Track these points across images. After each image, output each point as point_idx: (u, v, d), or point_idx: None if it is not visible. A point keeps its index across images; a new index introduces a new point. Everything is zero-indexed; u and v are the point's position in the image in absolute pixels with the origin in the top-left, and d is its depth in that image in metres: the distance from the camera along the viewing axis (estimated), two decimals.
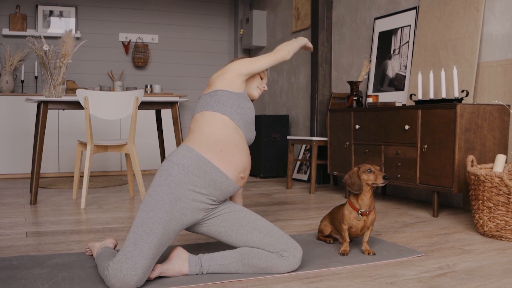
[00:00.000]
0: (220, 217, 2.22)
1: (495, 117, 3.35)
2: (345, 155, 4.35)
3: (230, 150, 2.21)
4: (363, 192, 2.43)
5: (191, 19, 7.18)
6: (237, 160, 2.22)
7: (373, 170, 2.41)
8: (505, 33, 3.48)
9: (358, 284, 2.01)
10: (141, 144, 6.22)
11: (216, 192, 2.18)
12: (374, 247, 2.58)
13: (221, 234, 2.21)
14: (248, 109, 2.35)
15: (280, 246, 2.14)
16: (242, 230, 2.19)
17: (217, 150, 2.18)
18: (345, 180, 2.46)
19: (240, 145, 2.26)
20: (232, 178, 2.20)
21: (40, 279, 2.01)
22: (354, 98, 4.41)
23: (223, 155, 2.18)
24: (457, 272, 2.18)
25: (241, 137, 2.30)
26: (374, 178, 2.39)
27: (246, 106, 2.34)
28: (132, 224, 2.08)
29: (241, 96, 2.33)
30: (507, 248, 2.61)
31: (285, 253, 2.13)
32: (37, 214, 3.53)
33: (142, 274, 1.90)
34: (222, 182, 2.17)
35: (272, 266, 2.11)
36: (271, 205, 4.00)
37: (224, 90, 2.30)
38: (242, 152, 2.26)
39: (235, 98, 2.30)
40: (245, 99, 2.35)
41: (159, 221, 2.02)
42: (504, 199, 2.73)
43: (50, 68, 4.28)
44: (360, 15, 4.97)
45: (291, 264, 2.13)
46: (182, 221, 2.10)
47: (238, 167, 2.22)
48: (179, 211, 2.08)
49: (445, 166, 3.33)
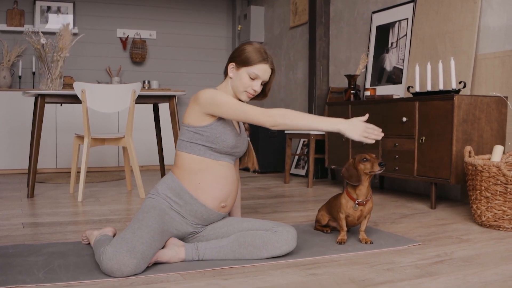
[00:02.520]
0: (209, 226, 2.29)
1: (493, 109, 3.34)
2: (343, 149, 4.34)
3: (208, 182, 2.20)
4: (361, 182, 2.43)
5: (189, 15, 7.17)
6: (217, 192, 2.21)
7: (368, 158, 2.40)
8: (503, 25, 3.48)
9: (356, 271, 2.00)
10: (139, 140, 6.21)
11: (199, 221, 2.25)
12: (372, 236, 2.58)
13: (212, 238, 2.25)
14: (223, 141, 2.20)
15: (272, 224, 2.20)
16: (232, 224, 2.26)
17: (196, 183, 2.20)
18: (343, 174, 2.45)
19: (220, 175, 2.22)
20: (213, 208, 2.23)
21: (36, 266, 2.01)
22: (351, 91, 4.40)
23: (201, 187, 2.20)
24: (455, 259, 2.18)
25: (222, 166, 2.24)
26: (371, 166, 2.38)
27: (221, 140, 2.20)
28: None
29: (212, 128, 2.20)
30: (505, 237, 2.61)
31: (278, 228, 2.16)
32: (34, 207, 3.52)
33: (141, 259, 1.90)
34: (203, 212, 2.22)
35: (267, 242, 2.12)
36: (269, 198, 4.00)
37: (190, 128, 2.22)
38: (222, 182, 2.23)
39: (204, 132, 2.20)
40: (217, 129, 2.20)
41: (154, 219, 2.08)
42: (502, 188, 2.73)
43: (47, 61, 4.27)
44: (357, 9, 4.97)
45: (286, 239, 2.14)
46: (173, 224, 2.18)
47: (218, 198, 2.22)
48: (169, 219, 2.17)
49: (443, 157, 3.32)
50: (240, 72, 2.26)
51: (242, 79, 2.25)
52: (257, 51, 2.26)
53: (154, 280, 1.87)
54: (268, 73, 2.29)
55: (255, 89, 2.26)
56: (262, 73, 2.26)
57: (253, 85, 2.26)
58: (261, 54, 2.26)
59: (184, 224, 2.21)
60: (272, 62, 2.29)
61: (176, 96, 4.42)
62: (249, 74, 2.25)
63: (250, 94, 2.28)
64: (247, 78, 2.25)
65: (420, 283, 1.85)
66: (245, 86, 2.26)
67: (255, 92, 2.28)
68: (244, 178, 5.40)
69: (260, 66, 2.25)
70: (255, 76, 2.25)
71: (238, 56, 2.28)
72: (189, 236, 2.26)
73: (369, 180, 2.43)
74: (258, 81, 2.26)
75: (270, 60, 2.29)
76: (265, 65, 2.26)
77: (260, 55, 2.26)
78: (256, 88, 2.27)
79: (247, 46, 2.30)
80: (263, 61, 2.26)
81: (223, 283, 1.83)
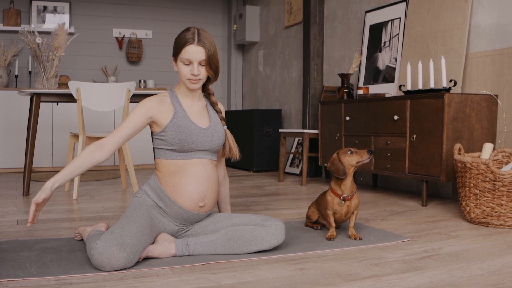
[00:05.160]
0: (197, 224, 2.32)
1: (483, 107, 3.38)
2: (336, 147, 4.37)
3: (182, 183, 2.23)
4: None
5: (184, 15, 7.20)
6: (191, 192, 2.22)
7: (353, 150, 2.45)
8: (493, 24, 3.51)
9: (343, 265, 2.03)
10: (134, 139, 6.23)
11: (181, 221, 2.28)
12: (361, 232, 2.61)
13: (201, 235, 2.28)
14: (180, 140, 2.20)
15: (261, 219, 2.23)
16: (220, 221, 2.30)
17: (171, 185, 2.24)
18: (329, 168, 2.51)
19: (193, 175, 2.23)
20: (190, 209, 2.25)
21: (29, 260, 2.04)
22: (345, 90, 4.44)
23: (176, 189, 2.23)
24: (442, 255, 2.21)
25: (194, 164, 2.25)
26: (359, 156, 2.43)
27: (178, 139, 2.20)
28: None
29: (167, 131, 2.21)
30: (493, 234, 2.64)
31: (266, 222, 2.19)
32: (29, 204, 3.55)
33: (130, 253, 1.92)
34: (182, 214, 2.26)
35: (256, 236, 2.15)
36: (262, 196, 4.03)
37: (154, 135, 2.28)
38: (196, 182, 2.23)
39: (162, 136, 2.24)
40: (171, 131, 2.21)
41: (142, 215, 2.13)
42: (490, 185, 2.76)
43: (43, 61, 4.30)
44: (351, 9, 5.00)
45: (275, 233, 2.17)
46: (160, 222, 2.23)
47: (194, 198, 2.24)
48: (156, 216, 2.23)
49: (434, 155, 3.36)
50: (178, 64, 2.22)
51: (180, 70, 2.20)
52: (183, 36, 2.18)
53: (144, 274, 1.90)
54: (200, 52, 2.16)
55: (193, 73, 2.18)
56: (192, 54, 2.16)
57: (190, 70, 2.18)
58: (185, 37, 2.17)
59: (169, 223, 2.26)
60: (200, 40, 2.16)
61: None
62: (182, 61, 2.18)
63: (193, 80, 2.20)
64: (182, 66, 2.19)
65: (405, 277, 1.88)
66: (184, 75, 2.20)
67: (195, 76, 2.19)
68: (238, 177, 5.43)
69: (186, 49, 2.16)
70: (188, 61, 2.17)
71: (173, 50, 2.24)
72: (177, 234, 2.30)
73: (351, 175, 2.48)
74: (193, 65, 2.17)
75: (197, 38, 2.16)
76: (192, 46, 2.15)
77: (184, 38, 2.17)
78: (195, 72, 2.17)
79: (179, 34, 2.22)
80: (187, 43, 2.16)
81: (212, 277, 1.86)
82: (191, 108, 2.30)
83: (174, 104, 2.25)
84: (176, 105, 2.25)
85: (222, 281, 1.83)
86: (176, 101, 2.27)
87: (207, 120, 2.33)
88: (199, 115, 2.32)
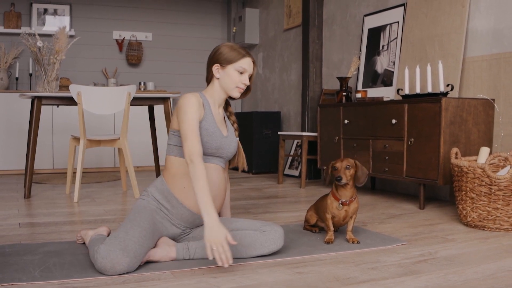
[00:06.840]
0: (199, 228, 2.35)
1: (480, 111, 3.42)
2: (334, 150, 4.42)
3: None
4: None
5: (184, 17, 7.24)
6: None
7: (337, 167, 2.48)
8: (490, 29, 3.55)
9: (341, 269, 2.07)
10: (134, 141, 6.27)
11: (186, 224, 2.32)
12: (359, 236, 2.65)
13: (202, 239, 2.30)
14: (206, 143, 2.26)
15: (260, 224, 2.27)
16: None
17: (181, 187, 2.27)
18: (325, 175, 2.57)
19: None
20: (198, 212, 2.28)
21: (32, 264, 2.07)
22: (343, 93, 4.48)
23: (186, 191, 2.27)
24: (438, 259, 2.25)
25: (209, 168, 2.30)
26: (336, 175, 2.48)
27: (203, 142, 2.26)
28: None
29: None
30: (489, 237, 2.68)
31: (266, 227, 2.23)
32: (31, 207, 3.59)
33: (133, 258, 1.96)
34: (188, 216, 2.29)
35: (255, 241, 2.19)
36: (261, 198, 4.07)
37: (175, 133, 2.31)
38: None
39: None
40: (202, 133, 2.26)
41: (146, 219, 2.15)
42: (486, 189, 2.80)
43: (44, 64, 4.34)
44: (350, 12, 5.04)
45: (274, 238, 2.22)
46: (163, 226, 2.26)
47: None
48: (159, 219, 2.25)
49: (431, 159, 3.40)
50: (227, 70, 2.34)
51: (231, 76, 2.34)
52: (235, 48, 2.36)
53: (145, 278, 1.94)
54: (252, 66, 2.39)
55: (245, 82, 2.35)
56: (248, 66, 2.36)
57: (242, 79, 2.35)
58: (241, 50, 2.36)
59: (172, 226, 2.29)
60: (252, 55, 2.41)
61: (171, 98, 4.49)
62: (237, 69, 2.33)
63: (241, 88, 2.37)
64: (236, 74, 2.34)
65: (402, 281, 1.92)
66: (235, 82, 2.34)
67: (245, 86, 2.37)
68: (238, 179, 5.47)
69: (245, 60, 2.35)
70: (243, 70, 2.34)
71: (220, 57, 2.35)
72: (179, 237, 2.33)
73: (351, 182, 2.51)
74: (246, 74, 2.36)
75: (250, 53, 2.41)
76: (249, 59, 2.36)
77: (241, 50, 2.36)
78: (246, 82, 2.36)
79: (224, 46, 2.38)
80: (246, 55, 2.36)
81: (212, 281, 1.90)
82: (217, 115, 2.39)
83: (206, 107, 2.32)
84: (207, 109, 2.33)
85: (222, 285, 1.87)
86: (207, 105, 2.34)
87: (225, 130, 2.42)
88: (221, 123, 2.41)
